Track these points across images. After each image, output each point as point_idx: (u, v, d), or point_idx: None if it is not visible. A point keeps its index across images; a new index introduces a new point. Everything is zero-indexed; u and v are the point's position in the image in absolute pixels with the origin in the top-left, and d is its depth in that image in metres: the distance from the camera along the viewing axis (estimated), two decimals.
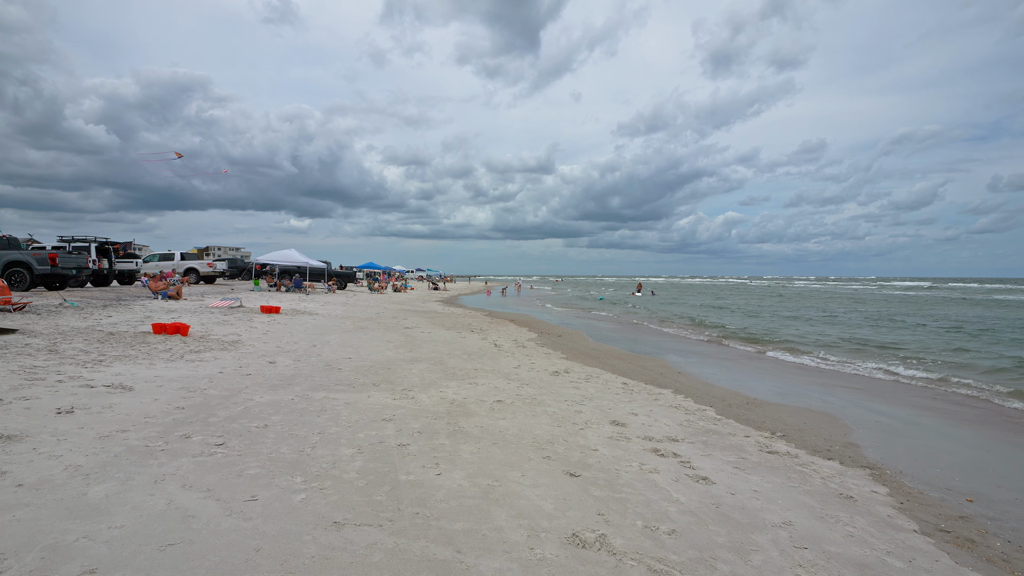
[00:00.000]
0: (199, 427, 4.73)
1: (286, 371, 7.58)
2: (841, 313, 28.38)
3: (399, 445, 4.61)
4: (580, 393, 7.32)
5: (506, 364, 9.48)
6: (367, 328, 14.00)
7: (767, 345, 15.11)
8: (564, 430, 5.43)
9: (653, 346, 14.67)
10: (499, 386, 7.47)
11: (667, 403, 7.09)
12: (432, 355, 9.98)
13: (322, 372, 7.69)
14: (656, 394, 7.65)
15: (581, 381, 8.27)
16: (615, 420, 5.95)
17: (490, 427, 5.37)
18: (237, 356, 8.48)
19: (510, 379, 8.07)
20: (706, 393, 8.13)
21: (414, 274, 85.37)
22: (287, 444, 4.43)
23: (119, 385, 5.99)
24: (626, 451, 4.87)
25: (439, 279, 73.82)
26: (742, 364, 11.83)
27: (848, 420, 6.90)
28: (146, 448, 4.10)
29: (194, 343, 9.38)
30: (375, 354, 9.71)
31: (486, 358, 10.06)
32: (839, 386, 9.53)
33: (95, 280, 23.55)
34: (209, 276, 30.41)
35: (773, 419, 6.71)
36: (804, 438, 5.89)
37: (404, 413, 5.70)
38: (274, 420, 5.10)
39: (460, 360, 9.60)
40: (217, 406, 5.47)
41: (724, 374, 10.30)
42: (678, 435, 5.52)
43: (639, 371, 9.88)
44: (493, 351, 11.08)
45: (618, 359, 11.37)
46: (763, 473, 4.55)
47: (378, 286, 38.50)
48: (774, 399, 8.03)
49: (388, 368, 8.35)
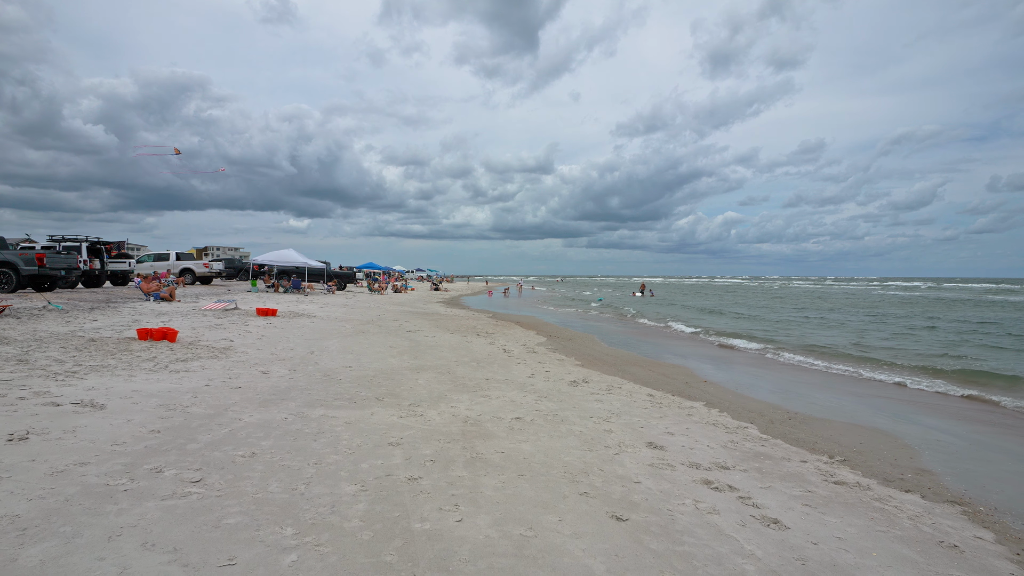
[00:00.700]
0: (174, 457, 4.02)
1: (280, 383, 6.87)
2: (849, 315, 27.71)
3: (409, 479, 3.90)
4: (605, 408, 6.62)
5: (519, 373, 8.78)
6: (368, 332, 13.30)
7: (783, 349, 14.42)
8: (597, 455, 4.73)
9: (668, 350, 13.97)
10: (515, 399, 6.77)
11: (703, 419, 6.39)
12: (439, 362, 9.28)
13: (320, 384, 6.99)
14: (688, 408, 6.95)
15: (603, 393, 7.57)
16: (651, 442, 5.25)
17: (512, 452, 4.68)
18: (227, 365, 7.77)
19: (526, 391, 7.37)
20: (741, 406, 7.43)
21: (414, 274, 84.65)
22: (277, 479, 3.73)
23: (89, 403, 5.28)
24: (673, 483, 4.17)
25: (439, 279, 73.11)
26: (765, 370, 11.14)
27: (906, 439, 6.21)
28: (106, 488, 3.39)
29: (182, 350, 8.67)
30: (377, 362, 9.01)
31: (496, 366, 9.37)
32: (876, 396, 8.85)
33: (87, 281, 22.84)
34: (205, 277, 29.69)
35: (824, 438, 6.01)
36: (868, 463, 5.19)
37: (413, 435, 5.00)
38: (263, 446, 4.40)
39: (469, 368, 8.90)
40: (199, 428, 4.77)
41: (752, 382, 9.61)
42: (727, 461, 4.83)
43: (662, 380, 9.18)
44: (503, 358, 10.38)
45: (637, 366, 10.67)
46: (839, 512, 3.85)
47: (378, 287, 37.79)
48: (816, 413, 7.34)
49: (392, 379, 7.65)
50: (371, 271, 53.74)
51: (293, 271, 31.39)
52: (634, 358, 12.01)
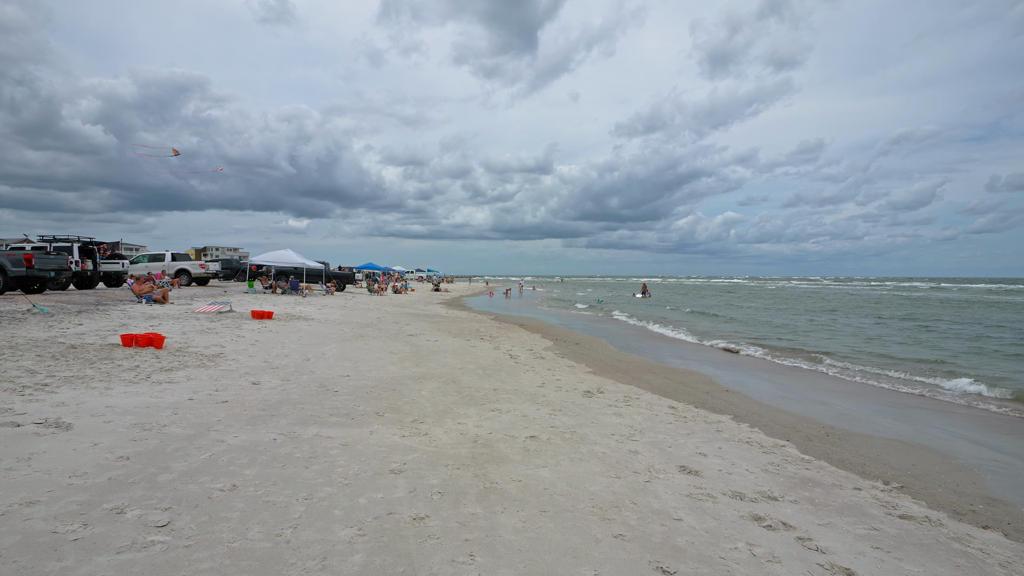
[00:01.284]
0: (141, 492, 3.46)
1: (271, 395, 6.31)
2: (856, 316, 27.15)
3: (415, 519, 3.34)
4: (626, 423, 6.06)
5: (528, 382, 8.22)
6: (367, 336, 12.74)
7: (799, 354, 13.86)
8: (626, 483, 4.17)
9: (680, 355, 13.41)
10: (527, 413, 6.21)
11: (734, 436, 5.83)
12: (442, 370, 8.72)
13: (314, 396, 6.42)
14: (715, 423, 6.39)
15: (621, 404, 7.01)
16: (683, 465, 4.69)
17: (530, 480, 4.12)
18: (215, 375, 7.21)
19: (537, 402, 6.81)
20: (771, 420, 6.87)
21: (414, 275, 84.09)
22: (260, 521, 3.17)
23: (55, 422, 4.72)
24: (718, 520, 3.61)
25: (440, 280, 72.53)
26: (783, 376, 10.57)
27: (960, 458, 5.65)
28: (52, 537, 2.83)
29: (168, 358, 8.11)
30: (377, 369, 8.45)
31: (504, 373, 8.80)
32: (907, 406, 8.30)
33: (79, 282, 22.28)
34: (201, 278, 29.12)
35: (871, 458, 5.46)
36: (929, 490, 4.64)
37: (417, 459, 4.44)
38: (246, 476, 3.84)
39: (475, 377, 8.33)
40: (175, 453, 4.20)
41: (774, 391, 9.05)
42: (772, 489, 4.27)
43: (682, 389, 8.62)
44: (510, 364, 9.81)
45: (651, 373, 10.11)
46: (917, 557, 3.29)
47: (378, 287, 37.23)
48: (852, 427, 6.78)
49: (393, 389, 7.09)
50: (370, 271, 53.18)
51: (291, 272, 30.84)
52: (647, 364, 11.45)
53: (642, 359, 12.24)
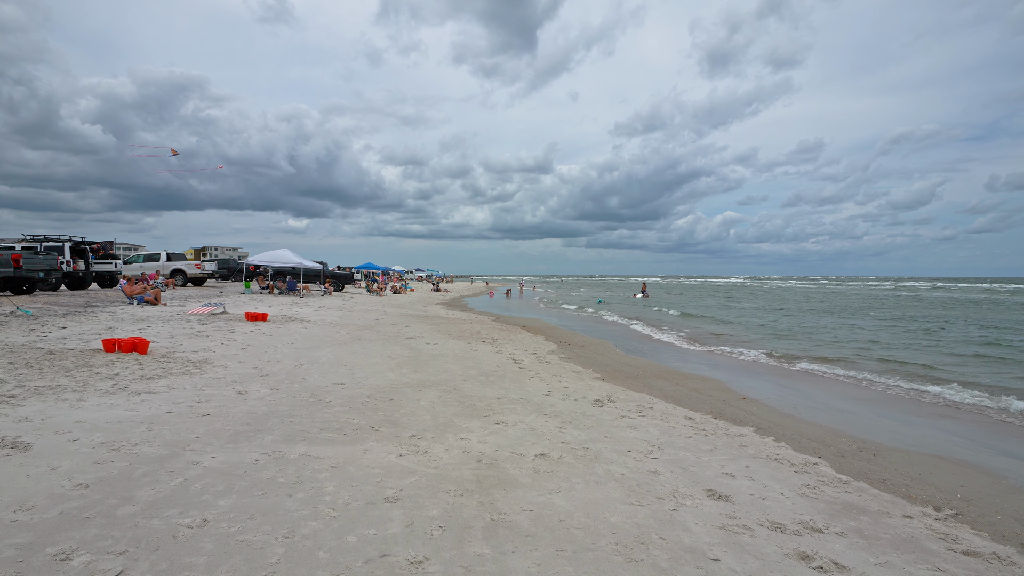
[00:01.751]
0: (96, 530, 3.00)
1: (258, 407, 5.84)
2: (860, 318, 26.69)
3: (412, 562, 2.88)
4: (641, 436, 5.59)
5: (534, 389, 7.75)
6: (365, 339, 12.27)
7: (814, 359, 13.39)
8: (650, 512, 3.71)
9: (689, 360, 12.94)
10: (535, 426, 5.74)
11: (760, 452, 5.36)
12: (443, 376, 8.25)
13: (305, 407, 5.95)
14: (737, 436, 5.92)
15: (634, 415, 6.54)
16: (711, 489, 4.22)
17: (543, 510, 3.65)
18: (200, 384, 6.74)
19: (545, 413, 6.34)
20: (797, 432, 6.40)
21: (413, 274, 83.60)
22: (229, 568, 2.70)
23: (12, 441, 4.25)
24: (761, 559, 3.15)
25: (439, 280, 72.07)
26: (801, 383, 10.10)
27: (1010, 477, 5.18)
28: None
29: (151, 364, 7.64)
30: (374, 376, 7.98)
31: (508, 380, 8.34)
32: (938, 416, 7.83)
33: (71, 283, 21.80)
34: (197, 278, 28.64)
35: (913, 478, 4.99)
36: (986, 516, 4.17)
37: (416, 484, 3.97)
38: (220, 508, 3.37)
39: (478, 384, 7.86)
40: (142, 479, 3.73)
41: (793, 399, 8.58)
42: (814, 517, 3.80)
43: (696, 397, 8.15)
44: (514, 370, 9.34)
45: (662, 379, 9.64)
46: None
47: (377, 287, 36.77)
48: (885, 440, 6.31)
49: (390, 399, 6.62)
50: (370, 271, 52.72)
51: (289, 272, 30.37)
52: (657, 368, 10.98)
53: (651, 363, 11.78)
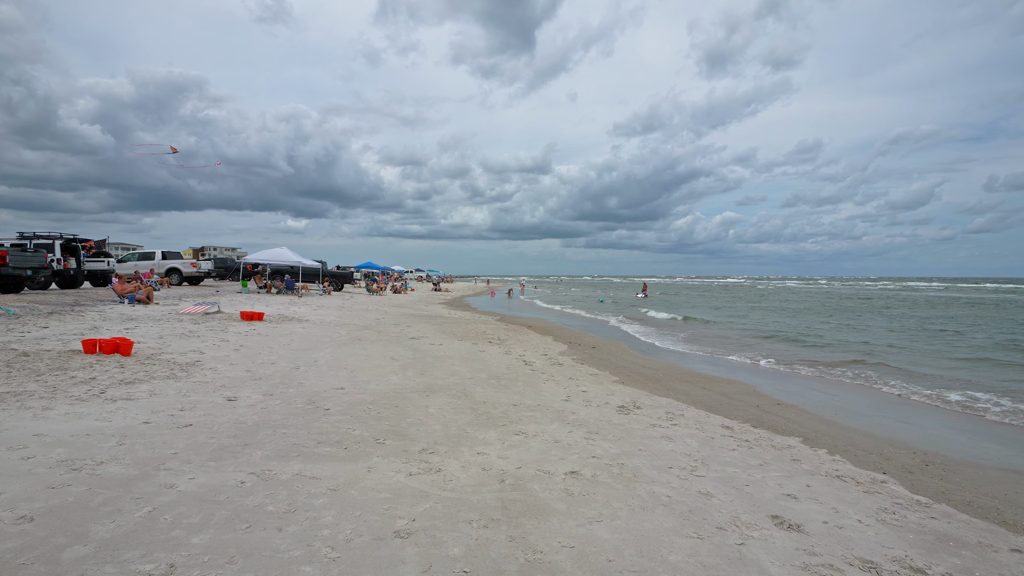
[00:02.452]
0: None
1: (248, 416, 5.20)
2: (876, 318, 26.07)
3: None
4: (680, 449, 4.96)
5: (551, 394, 7.12)
6: (365, 339, 11.63)
7: (837, 362, 12.76)
8: (713, 547, 3.08)
9: (708, 361, 12.31)
10: (559, 438, 5.11)
11: (817, 467, 4.73)
12: (451, 380, 7.62)
13: (301, 416, 5.32)
14: (785, 448, 5.29)
15: (665, 423, 5.91)
16: (777, 515, 3.59)
17: (586, 545, 3.02)
18: (185, 389, 6.11)
19: (567, 422, 5.71)
20: (848, 443, 5.77)
21: (413, 274, 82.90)
22: None
23: None
24: None
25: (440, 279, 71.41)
26: (834, 387, 9.47)
27: None
28: None
29: (134, 367, 7.01)
30: (377, 380, 7.35)
31: (521, 384, 7.71)
32: (992, 424, 7.21)
33: (62, 282, 21.13)
34: (193, 277, 27.99)
35: (999, 498, 4.36)
36: None
37: (431, 512, 3.33)
38: (194, 548, 2.74)
39: (489, 388, 7.24)
40: (102, 508, 3.10)
41: (832, 403, 7.95)
42: (907, 552, 3.17)
43: (727, 403, 7.52)
44: (526, 372, 8.71)
45: (685, 382, 9.01)
46: None
47: (377, 287, 36.12)
48: (950, 452, 5.68)
49: (395, 405, 5.99)
50: (370, 271, 52.06)
51: (287, 271, 29.73)
52: (677, 370, 10.34)
53: (669, 365, 11.14)
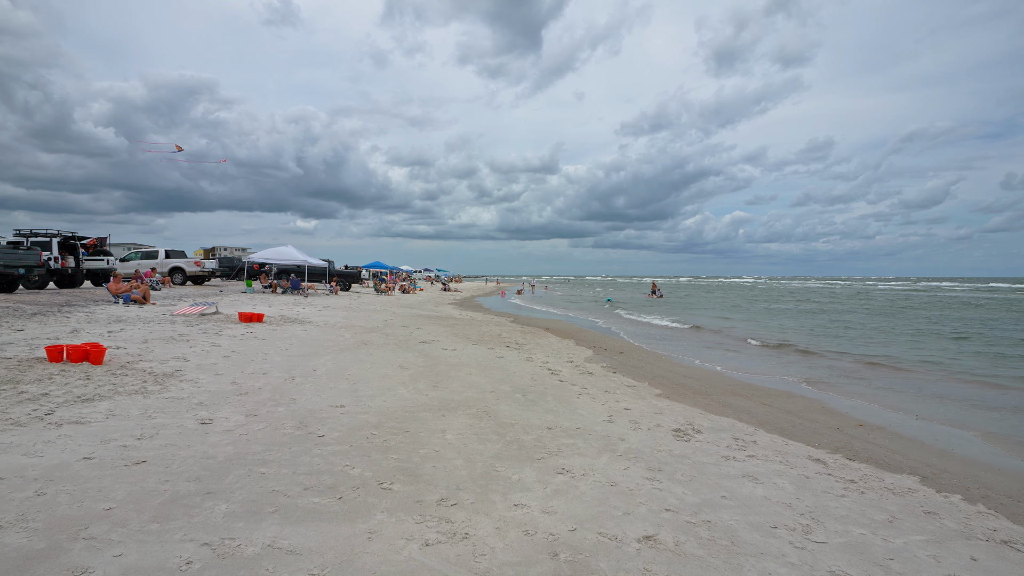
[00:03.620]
0: None
1: (220, 446, 4.13)
2: (910, 318, 24.66)
3: None
4: (774, 496, 3.82)
5: (589, 412, 5.99)
6: (372, 343, 10.57)
7: (902, 371, 11.53)
8: None
9: (750, 368, 11.11)
10: (615, 477, 3.99)
11: (963, 524, 3.57)
12: (470, 394, 6.53)
13: (287, 447, 4.24)
14: (907, 493, 4.12)
15: (739, 453, 4.77)
16: None
17: None
18: (153, 407, 5.06)
19: (618, 452, 4.59)
20: (982, 484, 4.56)
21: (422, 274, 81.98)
22: None
23: None
24: None
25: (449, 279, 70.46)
26: (910, 399, 8.23)
27: None
28: None
29: (102, 378, 5.98)
30: (382, 394, 6.26)
31: (551, 398, 6.59)
32: None
33: (60, 280, 20.29)
34: (197, 276, 27.14)
35: None
36: None
37: None
38: None
39: (515, 405, 6.12)
40: None
41: (924, 425, 6.74)
42: None
43: (799, 423, 6.35)
44: (554, 383, 7.60)
45: (737, 395, 7.83)
46: None
47: (385, 287, 35.15)
48: None
49: (405, 430, 4.89)
50: (378, 271, 51.17)
51: (293, 270, 28.81)
52: (723, 381, 9.16)
53: (712, 374, 9.95)
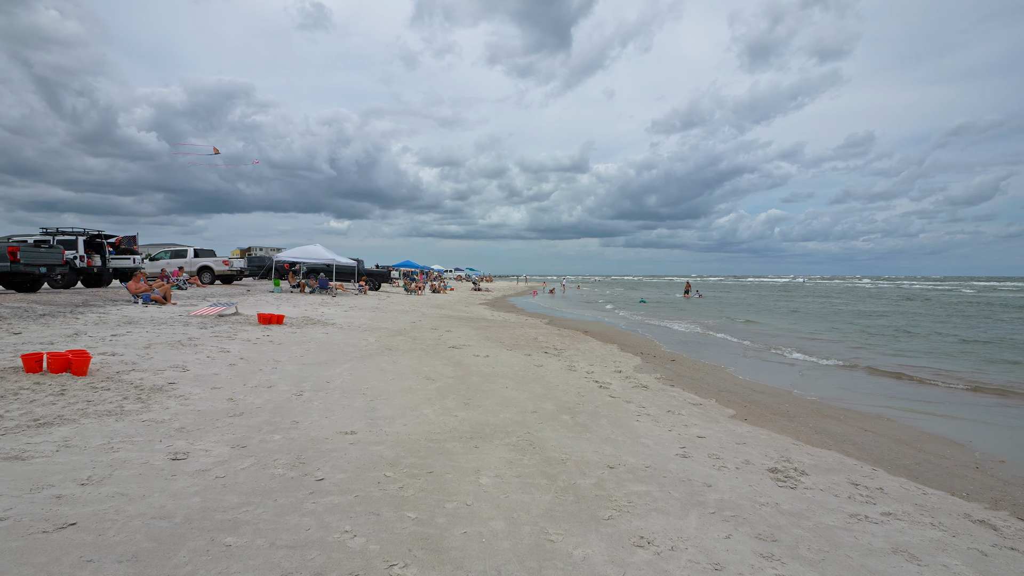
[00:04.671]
0: None
1: (182, 498, 3.13)
2: (992, 321, 22.52)
3: None
4: None
5: (655, 441, 4.82)
6: (396, 349, 9.59)
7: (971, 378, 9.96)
8: None
9: (824, 381, 9.73)
10: (717, 555, 2.82)
11: None
12: (507, 415, 5.43)
13: (273, 498, 3.22)
14: None
15: (868, 509, 3.54)
16: None
17: None
18: (120, 435, 4.12)
19: (708, 507, 3.43)
20: None
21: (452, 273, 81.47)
22: None
23: None
24: None
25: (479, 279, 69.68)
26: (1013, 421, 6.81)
27: None
28: None
29: (77, 393, 5.10)
30: (404, 415, 5.22)
31: (605, 420, 5.44)
32: None
33: (87, 280, 20.05)
34: (226, 275, 26.83)
35: None
36: None
37: None
38: None
39: (564, 431, 5.00)
40: None
41: None
42: None
43: (922, 459, 5.03)
44: (605, 400, 6.44)
45: (829, 419, 6.52)
46: None
47: (415, 287, 34.43)
48: None
49: (429, 470, 3.82)
50: (409, 270, 50.66)
51: (322, 269, 28.29)
52: (805, 402, 7.83)
53: (783, 389, 8.63)
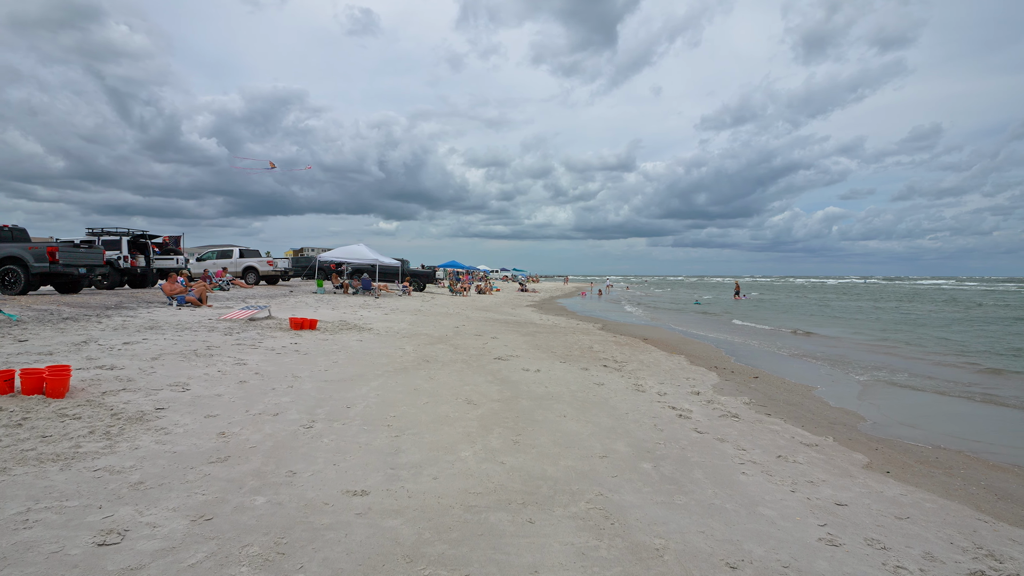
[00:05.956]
0: None
1: None
2: None
3: None
4: None
5: (782, 515, 3.41)
6: (436, 360, 8.44)
7: None
8: None
9: (957, 417, 7.98)
10: None
11: None
12: (568, 461, 4.12)
13: None
14: None
15: None
16: None
17: None
18: (44, 497, 3.05)
19: None
20: None
21: (498, 274, 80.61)
22: None
23: None
24: None
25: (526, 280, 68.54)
26: None
27: None
28: None
29: (36, 424, 4.14)
30: (436, 462, 4.00)
31: (700, 473, 4.06)
32: None
33: (132, 281, 19.96)
34: (270, 276, 26.60)
35: None
36: None
37: None
38: None
39: (648, 491, 3.66)
40: None
41: None
42: None
43: None
44: (692, 438, 5.03)
45: (991, 468, 4.92)
46: None
47: (460, 287, 33.52)
48: None
49: (463, 571, 2.57)
50: (455, 270, 49.99)
51: (365, 269, 27.72)
52: (950, 445, 6.20)
53: (919, 429, 6.97)
